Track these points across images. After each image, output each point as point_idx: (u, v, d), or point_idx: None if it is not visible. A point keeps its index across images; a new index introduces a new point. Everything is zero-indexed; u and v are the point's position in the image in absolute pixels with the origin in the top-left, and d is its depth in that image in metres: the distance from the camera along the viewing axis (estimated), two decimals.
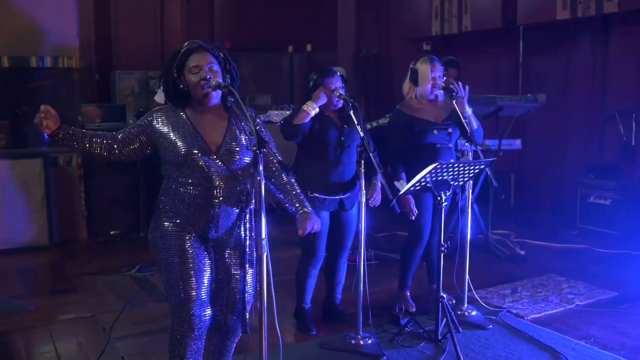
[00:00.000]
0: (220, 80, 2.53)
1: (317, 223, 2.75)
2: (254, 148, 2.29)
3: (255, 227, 2.44)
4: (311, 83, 3.62)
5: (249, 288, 2.69)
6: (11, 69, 5.63)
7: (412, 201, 3.75)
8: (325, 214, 3.64)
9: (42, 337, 3.75)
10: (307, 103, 3.47)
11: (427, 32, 7.77)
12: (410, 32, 8.10)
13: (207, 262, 2.63)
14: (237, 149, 2.58)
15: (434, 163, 3.75)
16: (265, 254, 2.35)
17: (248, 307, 2.71)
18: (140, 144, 2.62)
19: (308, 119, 3.45)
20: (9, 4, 5.56)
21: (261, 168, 2.28)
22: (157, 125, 2.58)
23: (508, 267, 5.13)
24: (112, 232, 6.01)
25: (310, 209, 2.75)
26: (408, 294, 4.14)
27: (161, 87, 2.71)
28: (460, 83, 4.02)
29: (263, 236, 2.34)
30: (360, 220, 3.43)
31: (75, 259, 5.38)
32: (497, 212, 6.03)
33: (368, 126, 5.53)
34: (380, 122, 5.83)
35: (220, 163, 2.55)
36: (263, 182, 2.29)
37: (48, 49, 5.75)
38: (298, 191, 2.75)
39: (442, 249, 3.47)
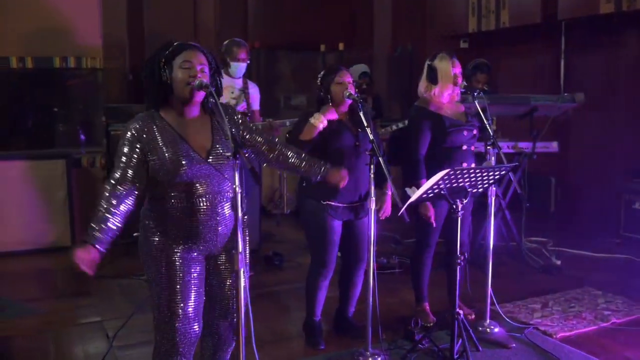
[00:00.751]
0: (206, 81, 2.34)
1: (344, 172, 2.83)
2: (229, 154, 2.10)
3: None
4: (319, 79, 3.42)
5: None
6: (35, 69, 5.63)
7: (432, 209, 3.51)
8: (338, 224, 3.43)
9: (45, 343, 3.68)
10: (315, 116, 3.25)
11: (463, 29, 7.46)
12: (447, 30, 7.80)
13: (198, 276, 2.45)
14: (228, 152, 2.40)
15: (460, 166, 3.56)
16: (242, 270, 2.15)
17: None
18: (145, 167, 2.34)
19: (316, 133, 3.24)
20: (32, 5, 5.55)
21: (237, 178, 2.10)
22: (143, 135, 2.34)
23: (540, 279, 4.81)
24: (135, 234, 5.92)
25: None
26: (426, 306, 3.89)
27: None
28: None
29: (240, 250, 2.14)
30: (370, 227, 3.21)
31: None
32: (535, 218, 5.70)
33: (394, 127, 5.27)
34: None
35: (212, 169, 2.38)
36: (239, 192, 2.10)
37: (71, 50, 5.72)
38: (306, 156, 2.74)
39: (459, 261, 3.21)
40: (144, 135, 2.34)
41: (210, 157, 2.38)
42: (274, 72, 8.95)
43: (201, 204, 2.37)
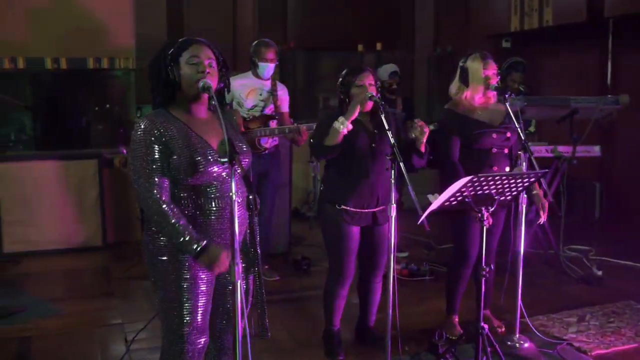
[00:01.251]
0: (210, 83, 2.24)
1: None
2: (224, 160, 2.00)
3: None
4: (339, 81, 3.29)
5: (257, 293, 2.39)
6: (69, 70, 5.68)
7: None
8: (355, 230, 3.30)
9: (63, 345, 3.66)
10: (339, 120, 3.08)
11: (505, 28, 7.23)
12: (489, 29, 7.57)
13: (207, 284, 2.34)
14: (245, 148, 2.35)
15: (489, 169, 3.40)
16: (239, 282, 2.03)
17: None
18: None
19: (342, 138, 3.10)
20: (66, 6, 5.61)
21: (234, 184, 1.99)
22: (162, 131, 2.23)
23: (579, 290, 4.56)
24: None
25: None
26: (455, 319, 3.72)
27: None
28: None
29: (237, 262, 2.03)
30: (391, 236, 3.06)
31: (124, 261, 5.32)
32: (577, 225, 5.43)
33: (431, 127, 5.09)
34: None
35: (228, 169, 2.28)
36: (236, 199, 2.00)
37: (105, 50, 5.75)
38: None
39: (484, 272, 3.03)
40: (157, 129, 2.22)
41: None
42: (313, 73, 8.86)
43: (216, 205, 2.27)
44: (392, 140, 2.96)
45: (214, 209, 2.28)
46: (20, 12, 5.44)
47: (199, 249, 2.17)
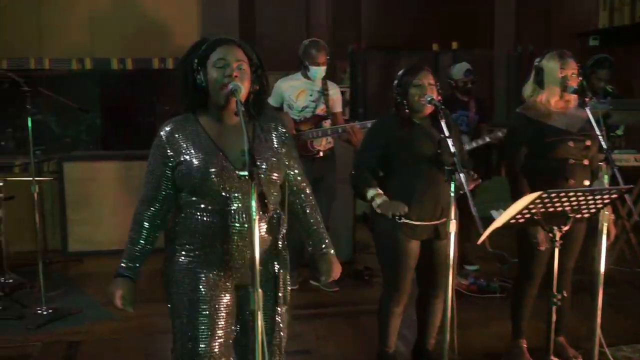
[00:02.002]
0: (240, 85, 2.03)
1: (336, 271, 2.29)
2: (243, 174, 1.80)
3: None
4: (396, 81, 3.04)
5: (279, 328, 2.22)
6: (134, 70, 5.71)
7: (542, 233, 3.01)
8: (415, 244, 3.04)
9: (108, 352, 3.63)
10: (375, 198, 2.96)
11: (593, 24, 6.73)
12: (575, 26, 7.07)
13: (226, 308, 2.14)
14: (265, 165, 2.10)
15: (565, 182, 3.06)
16: (259, 313, 1.81)
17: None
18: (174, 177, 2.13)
19: None
20: (132, 6, 5.65)
21: (254, 201, 1.78)
22: (175, 137, 2.10)
23: None
24: None
25: (331, 249, 2.25)
26: (523, 344, 3.37)
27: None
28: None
29: (257, 287, 1.81)
30: (450, 253, 2.77)
31: None
32: None
33: (499, 134, 4.73)
34: None
35: (247, 182, 2.07)
36: (256, 218, 1.78)
37: (170, 51, 5.77)
38: (320, 227, 2.31)
39: (555, 300, 2.69)
40: (175, 138, 2.10)
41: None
42: (387, 73, 8.62)
43: (235, 221, 2.06)
44: (452, 149, 2.68)
45: (237, 224, 2.07)
46: (85, 13, 5.54)
47: (118, 272, 2.17)
